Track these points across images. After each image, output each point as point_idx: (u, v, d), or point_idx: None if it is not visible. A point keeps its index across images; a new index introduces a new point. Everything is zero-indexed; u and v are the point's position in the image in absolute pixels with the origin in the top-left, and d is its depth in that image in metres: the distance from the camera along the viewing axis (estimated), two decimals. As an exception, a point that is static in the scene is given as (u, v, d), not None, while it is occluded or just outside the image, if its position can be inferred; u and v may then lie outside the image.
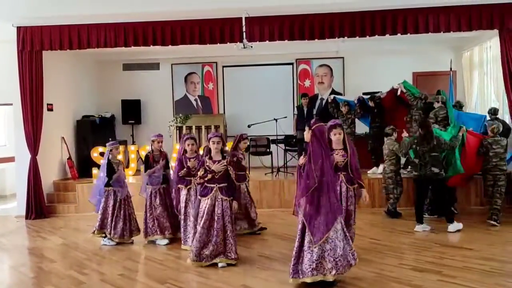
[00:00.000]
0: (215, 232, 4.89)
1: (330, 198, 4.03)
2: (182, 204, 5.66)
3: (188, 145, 5.72)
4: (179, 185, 5.72)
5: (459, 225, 6.19)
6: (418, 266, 4.71)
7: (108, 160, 6.05)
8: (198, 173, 4.96)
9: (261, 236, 6.33)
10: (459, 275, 4.42)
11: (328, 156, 4.17)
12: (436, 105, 7.87)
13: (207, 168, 4.92)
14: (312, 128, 4.09)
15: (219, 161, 4.94)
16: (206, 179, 4.90)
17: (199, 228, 4.93)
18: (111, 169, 6.02)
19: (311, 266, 3.97)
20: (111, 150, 6.09)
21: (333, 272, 3.96)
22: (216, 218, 4.88)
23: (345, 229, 4.15)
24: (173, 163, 6.66)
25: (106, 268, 5.20)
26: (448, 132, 6.99)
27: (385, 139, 7.29)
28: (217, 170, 4.90)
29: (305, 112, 9.79)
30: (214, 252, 4.90)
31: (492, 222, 6.37)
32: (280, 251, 5.48)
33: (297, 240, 4.13)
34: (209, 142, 5.04)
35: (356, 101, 9.17)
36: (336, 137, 4.66)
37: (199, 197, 5.03)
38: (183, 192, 5.69)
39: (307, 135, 4.16)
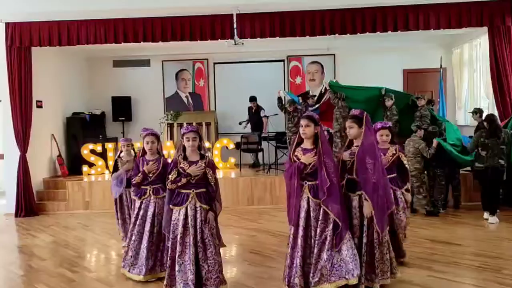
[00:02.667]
0: (192, 249, 3.88)
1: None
2: (135, 221, 4.51)
3: (148, 143, 4.54)
4: (133, 197, 4.64)
5: (497, 219, 6.42)
6: (409, 262, 4.74)
7: (117, 157, 5.59)
8: (170, 176, 3.96)
9: (253, 233, 6.34)
10: (449, 271, 4.47)
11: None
12: (421, 102, 7.94)
13: (181, 171, 3.97)
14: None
15: (196, 162, 3.97)
16: (179, 184, 3.94)
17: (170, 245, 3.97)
18: (115, 167, 5.55)
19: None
20: (125, 146, 5.57)
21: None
22: (192, 231, 3.90)
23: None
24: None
25: (97, 266, 5.17)
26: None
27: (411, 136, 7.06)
28: (193, 173, 3.93)
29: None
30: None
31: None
32: (271, 248, 5.49)
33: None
34: (183, 138, 4.03)
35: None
36: (346, 131, 4.12)
37: (170, 206, 4.00)
38: (137, 205, 4.54)
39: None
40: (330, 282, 3.71)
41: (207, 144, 8.39)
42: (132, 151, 5.53)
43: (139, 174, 4.48)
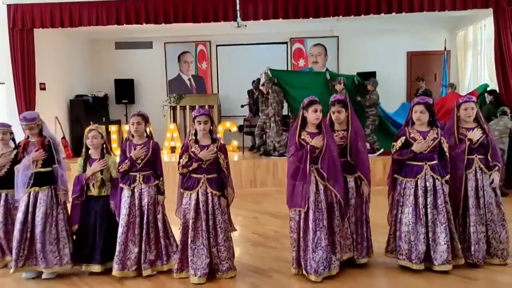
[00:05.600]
0: (204, 234, 3.87)
1: None
2: (124, 210, 4.04)
3: (133, 123, 4.10)
4: (121, 185, 4.11)
5: None
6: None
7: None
8: (181, 160, 3.92)
9: (255, 214, 6.41)
10: None
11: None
12: (338, 87, 8.02)
13: (192, 155, 3.94)
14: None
15: (207, 146, 3.93)
16: (190, 168, 3.91)
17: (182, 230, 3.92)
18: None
19: None
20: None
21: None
22: (204, 217, 3.88)
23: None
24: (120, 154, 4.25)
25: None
26: None
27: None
28: (204, 158, 3.88)
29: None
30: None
31: None
32: (273, 229, 5.56)
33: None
34: (194, 121, 3.94)
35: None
36: (335, 116, 4.04)
37: (181, 190, 3.98)
38: (126, 193, 4.07)
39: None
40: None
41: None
42: (11, 141, 4.58)
43: (126, 161, 4.06)
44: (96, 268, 4.12)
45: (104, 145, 4.27)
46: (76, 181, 4.18)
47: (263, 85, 8.61)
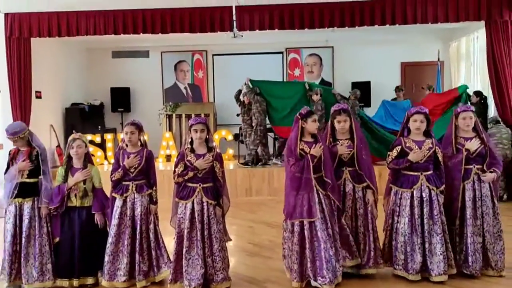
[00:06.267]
0: (199, 244, 3.84)
1: None
2: (114, 220, 3.99)
3: (126, 133, 4.07)
4: (113, 194, 4.08)
5: None
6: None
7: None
8: (176, 169, 3.90)
9: (250, 223, 6.42)
10: None
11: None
12: (315, 98, 8.16)
13: (188, 164, 3.92)
14: None
15: (203, 155, 3.91)
16: (186, 177, 3.87)
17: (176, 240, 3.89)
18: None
19: None
20: None
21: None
22: (199, 226, 3.84)
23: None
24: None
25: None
26: None
27: None
28: (200, 167, 3.86)
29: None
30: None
31: None
32: (269, 238, 5.57)
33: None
34: (190, 130, 3.93)
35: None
36: (340, 125, 4.02)
37: (176, 199, 3.97)
38: (117, 203, 4.04)
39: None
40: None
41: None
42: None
43: (119, 170, 4.02)
44: (85, 280, 4.05)
45: (88, 155, 4.21)
46: (56, 191, 4.04)
47: (244, 95, 8.65)
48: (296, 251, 3.85)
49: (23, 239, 3.98)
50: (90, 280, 4.07)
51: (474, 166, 4.05)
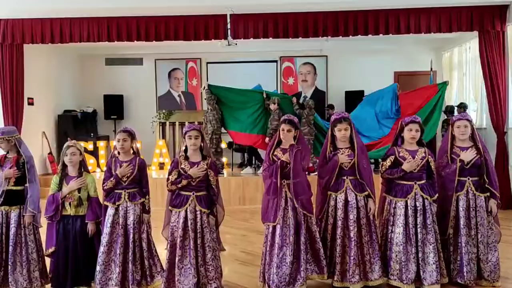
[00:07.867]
0: (192, 253, 3.81)
1: None
2: (106, 229, 3.92)
3: (119, 140, 3.99)
4: (105, 202, 4.00)
5: None
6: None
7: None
8: (170, 177, 3.86)
9: (243, 232, 6.38)
10: None
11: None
12: (272, 107, 8.21)
13: (182, 172, 3.88)
14: None
15: (197, 163, 3.88)
16: (179, 185, 3.84)
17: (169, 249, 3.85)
18: None
19: None
20: None
21: None
22: (192, 235, 3.81)
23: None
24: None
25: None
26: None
27: None
28: (194, 175, 3.83)
29: None
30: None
31: None
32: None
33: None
34: (184, 137, 3.89)
35: None
36: (341, 133, 3.97)
37: (169, 207, 3.93)
38: (110, 212, 3.95)
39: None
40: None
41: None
42: None
43: (111, 179, 3.94)
44: None
45: (83, 162, 4.15)
46: (50, 200, 3.98)
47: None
48: (263, 252, 3.99)
49: (10, 247, 3.93)
50: None
51: (468, 179, 4.02)
